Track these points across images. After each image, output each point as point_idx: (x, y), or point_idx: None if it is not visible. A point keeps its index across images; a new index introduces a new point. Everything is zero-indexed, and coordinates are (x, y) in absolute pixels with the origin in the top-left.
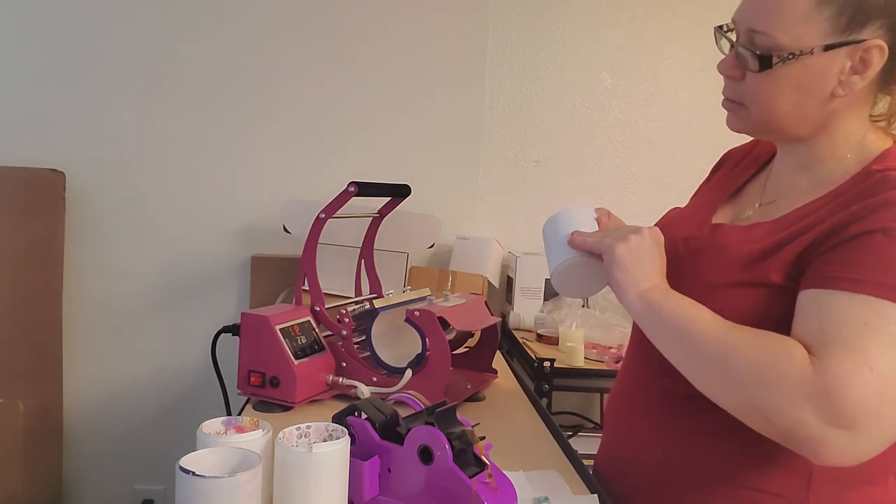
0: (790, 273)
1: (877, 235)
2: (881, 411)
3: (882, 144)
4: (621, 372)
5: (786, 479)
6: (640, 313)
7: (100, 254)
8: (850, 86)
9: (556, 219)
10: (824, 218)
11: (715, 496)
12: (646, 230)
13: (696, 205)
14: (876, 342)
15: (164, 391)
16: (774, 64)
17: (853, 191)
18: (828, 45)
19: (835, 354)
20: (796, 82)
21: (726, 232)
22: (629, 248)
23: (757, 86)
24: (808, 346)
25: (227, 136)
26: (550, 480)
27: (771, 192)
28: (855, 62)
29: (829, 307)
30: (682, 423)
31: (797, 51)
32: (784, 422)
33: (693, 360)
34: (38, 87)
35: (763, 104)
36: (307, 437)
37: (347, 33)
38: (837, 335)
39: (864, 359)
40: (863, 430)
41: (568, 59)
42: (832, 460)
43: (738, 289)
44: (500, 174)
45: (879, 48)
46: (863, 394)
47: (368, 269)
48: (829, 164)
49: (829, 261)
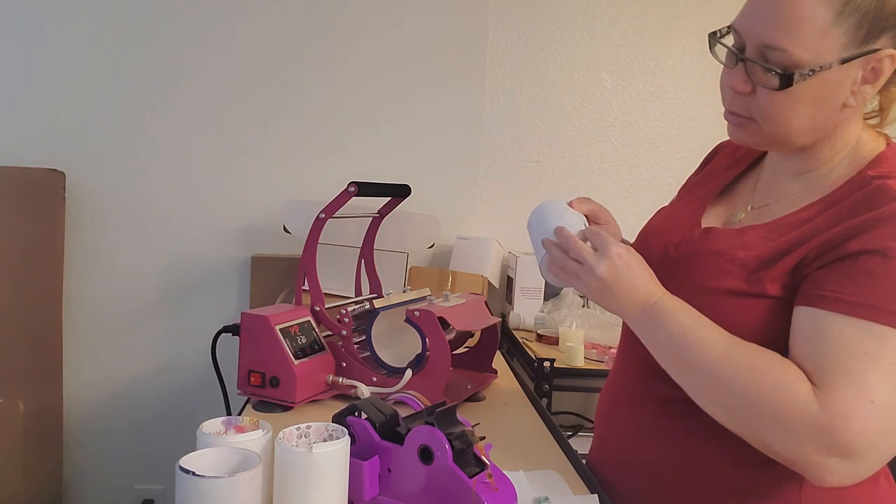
0: (786, 285)
1: (875, 257)
2: (880, 439)
3: (875, 146)
4: (612, 373)
5: (778, 481)
6: (639, 334)
7: (100, 254)
8: (862, 95)
9: (541, 210)
10: (821, 228)
11: (707, 498)
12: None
13: (684, 203)
14: (877, 371)
15: (164, 391)
16: (795, 82)
17: (850, 199)
18: (844, 58)
19: (836, 386)
20: (812, 97)
21: (718, 236)
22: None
23: (771, 102)
24: (808, 373)
25: (227, 136)
26: (550, 480)
27: (763, 194)
28: (867, 72)
29: (827, 331)
30: (673, 426)
31: (816, 66)
32: (784, 450)
33: (694, 386)
34: (38, 87)
35: (778, 121)
36: (307, 437)
37: (347, 33)
38: (838, 364)
39: (866, 390)
40: (862, 458)
41: (568, 59)
42: (831, 483)
43: (734, 298)
44: (500, 174)
45: (891, 57)
46: (864, 427)
47: (368, 269)
48: (824, 167)
49: (826, 278)
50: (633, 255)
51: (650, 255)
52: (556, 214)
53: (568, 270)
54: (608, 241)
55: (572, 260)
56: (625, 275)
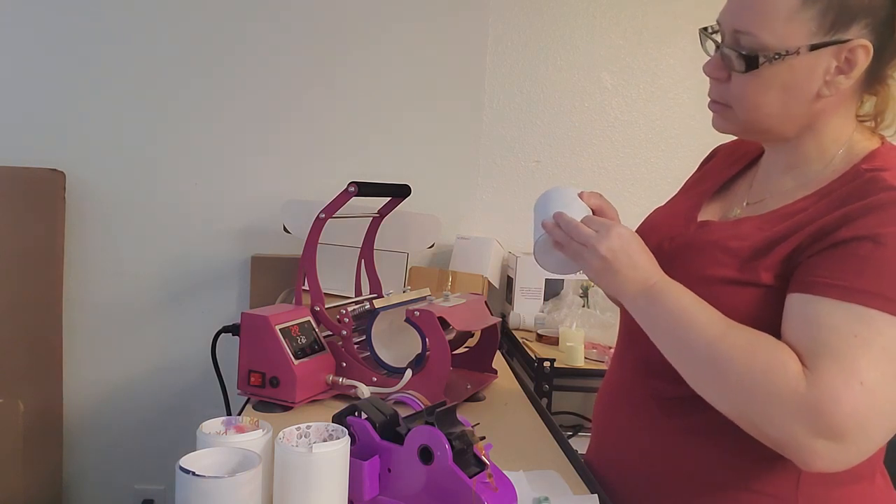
0: (780, 273)
1: (865, 243)
2: (870, 423)
3: (869, 144)
4: (609, 372)
5: (775, 479)
6: (637, 316)
7: (100, 254)
8: (836, 86)
9: (549, 195)
10: (814, 217)
11: (704, 496)
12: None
13: (681, 200)
14: (866, 355)
15: (164, 391)
16: (761, 64)
17: (843, 189)
18: (813, 44)
19: (826, 368)
20: (782, 83)
21: (713, 228)
22: (611, 251)
23: (743, 87)
24: (800, 355)
25: (228, 136)
26: (550, 480)
27: (758, 191)
28: (840, 62)
29: (818, 315)
30: (670, 424)
31: (783, 51)
32: (774, 431)
33: (689, 365)
34: (38, 87)
35: (749, 105)
36: (307, 437)
37: (347, 33)
38: (828, 346)
39: (855, 372)
40: (852, 440)
41: (568, 59)
42: (821, 468)
43: (728, 286)
44: (500, 174)
45: (864, 48)
46: (853, 408)
47: (368, 269)
48: (816, 164)
49: (818, 265)
50: (635, 236)
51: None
52: (563, 201)
53: (570, 250)
54: (610, 223)
55: (575, 241)
56: (625, 254)
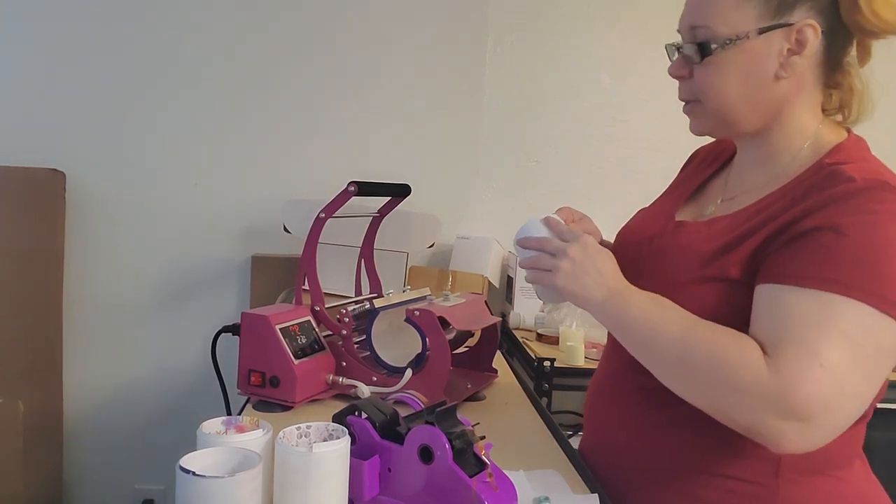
0: (747, 268)
1: (827, 233)
2: (833, 403)
3: (835, 138)
4: (599, 366)
5: (755, 467)
6: (605, 322)
7: (100, 254)
8: (792, 66)
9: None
10: (778, 213)
11: (686, 484)
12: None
13: (662, 202)
14: (826, 338)
15: (164, 391)
16: (714, 50)
17: (806, 183)
18: (761, 28)
19: (787, 354)
20: (738, 67)
21: (688, 229)
22: (579, 253)
23: (704, 77)
24: (763, 345)
25: (227, 136)
26: (550, 480)
27: (732, 188)
28: (791, 43)
29: (781, 303)
30: (654, 416)
31: (733, 36)
32: (743, 419)
33: (657, 364)
34: (38, 87)
35: (713, 94)
36: (307, 436)
37: (347, 33)
38: (789, 332)
39: (815, 355)
40: (817, 421)
41: (567, 60)
42: (792, 450)
43: (700, 285)
44: (499, 174)
45: (812, 27)
46: (814, 390)
47: (368, 268)
48: (784, 157)
49: (783, 256)
50: (601, 247)
51: (627, 250)
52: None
53: (544, 264)
54: (578, 233)
55: (547, 254)
56: (592, 259)
